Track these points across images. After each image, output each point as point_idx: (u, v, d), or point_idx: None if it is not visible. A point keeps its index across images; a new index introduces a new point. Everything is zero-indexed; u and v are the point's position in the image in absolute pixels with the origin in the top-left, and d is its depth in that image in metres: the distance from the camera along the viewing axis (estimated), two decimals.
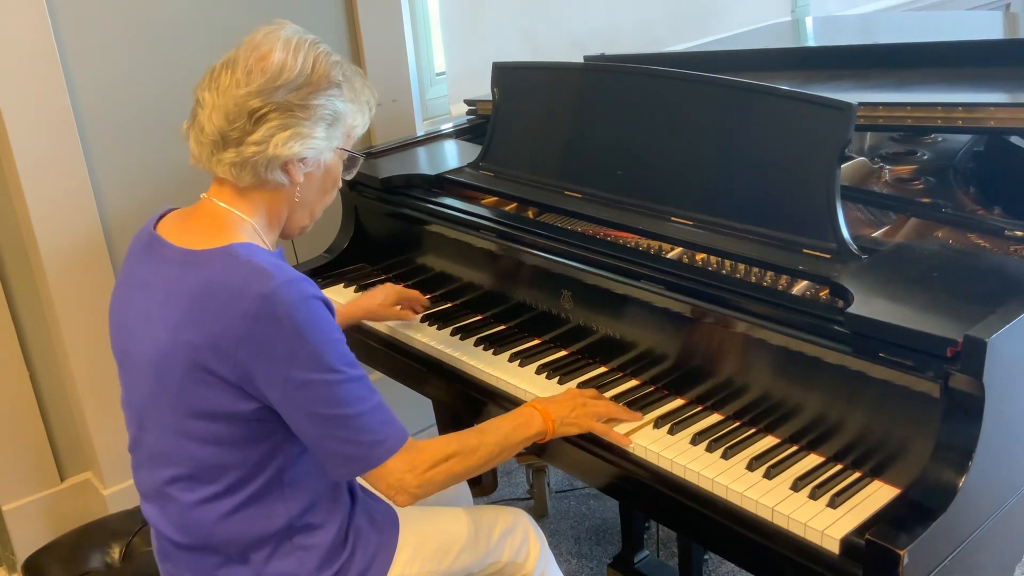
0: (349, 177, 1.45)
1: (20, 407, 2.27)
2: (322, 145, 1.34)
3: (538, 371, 1.69)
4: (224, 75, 1.30)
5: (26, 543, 2.29)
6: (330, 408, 1.27)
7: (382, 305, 1.86)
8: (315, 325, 1.25)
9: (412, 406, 2.32)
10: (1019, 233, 1.59)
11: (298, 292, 1.25)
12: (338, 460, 1.31)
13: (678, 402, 1.56)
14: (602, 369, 1.68)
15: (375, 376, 2.00)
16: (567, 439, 1.53)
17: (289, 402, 1.27)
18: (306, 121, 1.30)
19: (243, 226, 1.34)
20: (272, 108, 1.28)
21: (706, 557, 2.24)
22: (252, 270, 1.25)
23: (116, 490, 2.34)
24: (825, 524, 1.25)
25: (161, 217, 1.42)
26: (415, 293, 1.91)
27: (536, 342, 1.78)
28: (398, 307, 1.88)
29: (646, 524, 2.19)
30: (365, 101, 1.40)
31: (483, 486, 2.46)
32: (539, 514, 2.52)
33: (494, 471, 2.51)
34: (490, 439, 1.42)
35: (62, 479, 2.39)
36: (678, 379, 1.57)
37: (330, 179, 1.41)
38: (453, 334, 1.84)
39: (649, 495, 1.45)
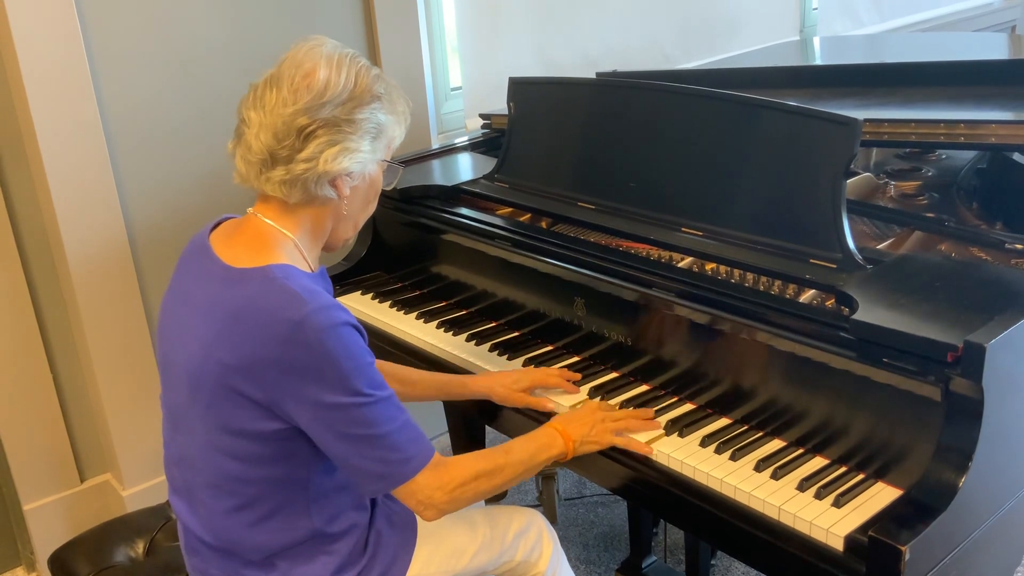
0: (389, 187, 1.48)
1: (43, 408, 2.32)
2: (368, 158, 1.36)
3: None
4: (269, 94, 1.32)
5: (45, 543, 2.33)
6: (359, 428, 1.29)
7: (509, 388, 1.67)
8: (345, 351, 1.27)
9: (424, 412, 2.35)
10: (1020, 246, 1.63)
11: (329, 319, 1.26)
12: (368, 477, 1.33)
13: (688, 407, 1.60)
14: (613, 375, 1.72)
15: None
16: None
17: (318, 424, 1.29)
18: (353, 136, 1.33)
19: (285, 244, 1.36)
20: (320, 125, 1.30)
21: (713, 563, 2.27)
22: (286, 295, 1.26)
23: (135, 491, 2.38)
24: (830, 522, 1.29)
25: (217, 224, 1.44)
26: (560, 374, 1.69)
27: (549, 348, 1.83)
28: (529, 392, 1.67)
29: (654, 530, 2.23)
30: (402, 112, 1.42)
31: None
32: (548, 521, 2.55)
33: None
34: (515, 459, 1.45)
35: (82, 480, 2.43)
36: (688, 384, 1.61)
37: (373, 191, 1.44)
38: (468, 340, 1.88)
39: (660, 496, 1.49)
